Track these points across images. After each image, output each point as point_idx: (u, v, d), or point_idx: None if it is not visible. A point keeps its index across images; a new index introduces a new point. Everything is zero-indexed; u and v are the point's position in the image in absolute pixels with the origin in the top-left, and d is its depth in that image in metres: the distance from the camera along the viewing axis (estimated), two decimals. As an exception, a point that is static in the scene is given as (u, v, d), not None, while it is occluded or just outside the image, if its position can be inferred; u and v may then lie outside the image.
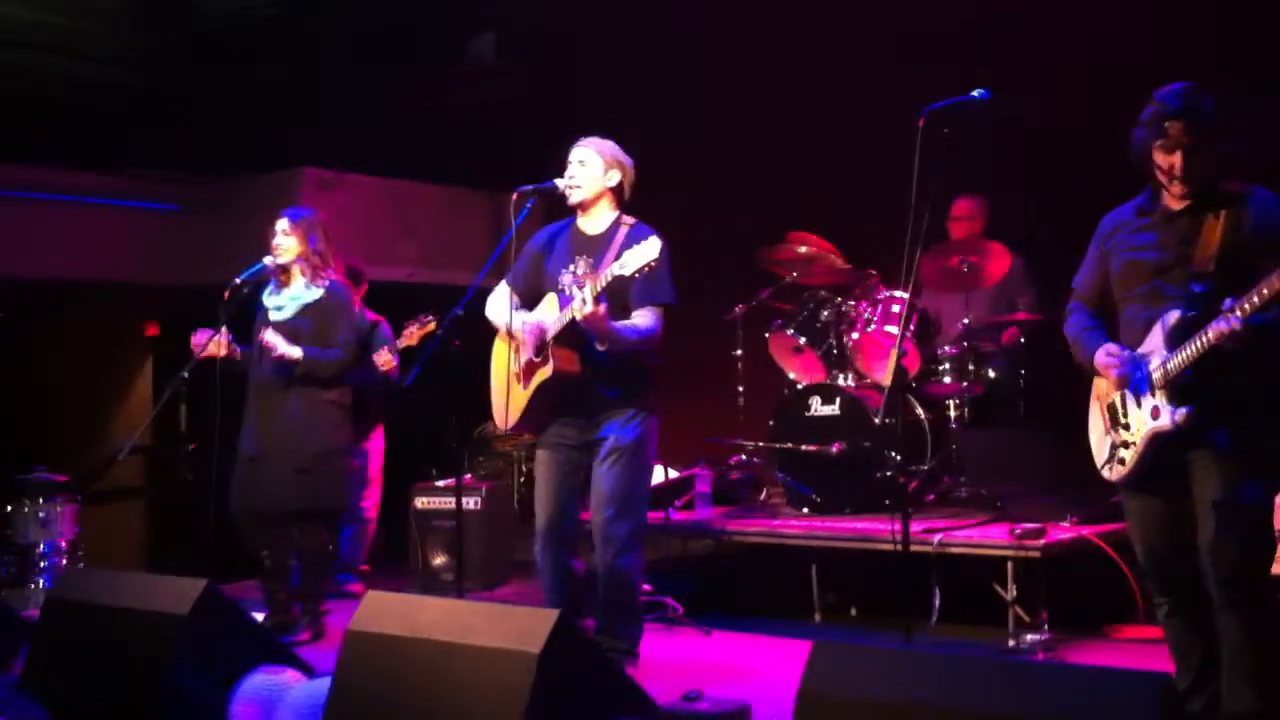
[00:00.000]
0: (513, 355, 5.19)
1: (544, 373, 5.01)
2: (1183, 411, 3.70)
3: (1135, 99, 3.91)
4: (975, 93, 4.43)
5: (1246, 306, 3.54)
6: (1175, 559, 3.85)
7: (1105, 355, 3.90)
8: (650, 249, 4.65)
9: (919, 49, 7.35)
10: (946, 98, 4.46)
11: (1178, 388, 3.71)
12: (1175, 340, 3.71)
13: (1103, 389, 4.00)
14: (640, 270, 4.68)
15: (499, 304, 5.27)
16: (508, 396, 5.18)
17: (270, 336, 5.81)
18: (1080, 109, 6.87)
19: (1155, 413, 3.76)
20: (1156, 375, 3.75)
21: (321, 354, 5.82)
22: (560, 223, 5.31)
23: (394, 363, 6.85)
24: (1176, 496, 3.80)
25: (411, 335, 6.92)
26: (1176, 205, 3.83)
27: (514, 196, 5.07)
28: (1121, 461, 3.88)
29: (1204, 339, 3.62)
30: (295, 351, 5.77)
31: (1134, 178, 3.95)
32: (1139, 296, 3.88)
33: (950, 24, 7.29)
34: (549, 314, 5.07)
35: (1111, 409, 3.94)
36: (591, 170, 5.14)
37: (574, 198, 5.15)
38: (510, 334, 5.18)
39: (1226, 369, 3.63)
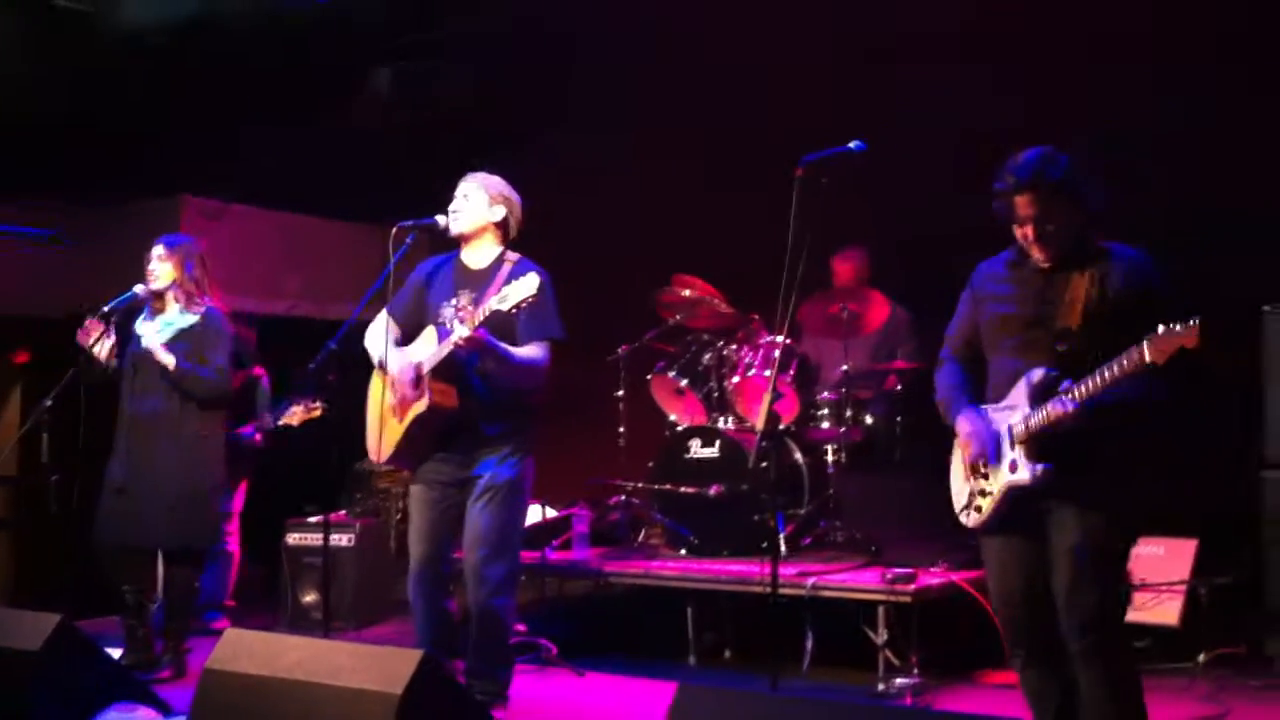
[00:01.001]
0: (388, 388, 5.14)
1: (419, 407, 4.97)
2: (1040, 468, 3.74)
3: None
4: (852, 144, 4.49)
5: (1082, 391, 3.62)
6: (1030, 604, 3.87)
7: (965, 427, 3.92)
8: (529, 285, 4.66)
9: (806, 91, 7.44)
10: (827, 147, 4.52)
11: (1036, 445, 3.76)
12: (1037, 398, 3.75)
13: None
14: (519, 305, 4.68)
15: (378, 334, 5.22)
16: (381, 429, 5.12)
17: (148, 339, 5.70)
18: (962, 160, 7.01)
19: (1014, 467, 3.80)
20: (1018, 430, 3.79)
21: (196, 369, 5.71)
22: (445, 255, 5.29)
23: (259, 439, 6.77)
24: (1032, 541, 3.83)
25: (295, 415, 6.77)
26: (1046, 263, 3.88)
27: (394, 231, 5.04)
28: (978, 509, 3.92)
29: (1044, 416, 3.69)
30: (169, 358, 5.66)
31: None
32: (1007, 349, 3.92)
33: (830, 65, 7.39)
34: (427, 347, 5.03)
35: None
36: (475, 204, 5.14)
37: (454, 228, 5.14)
38: (384, 370, 5.13)
39: (1084, 430, 3.68)
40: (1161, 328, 3.46)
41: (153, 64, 8.18)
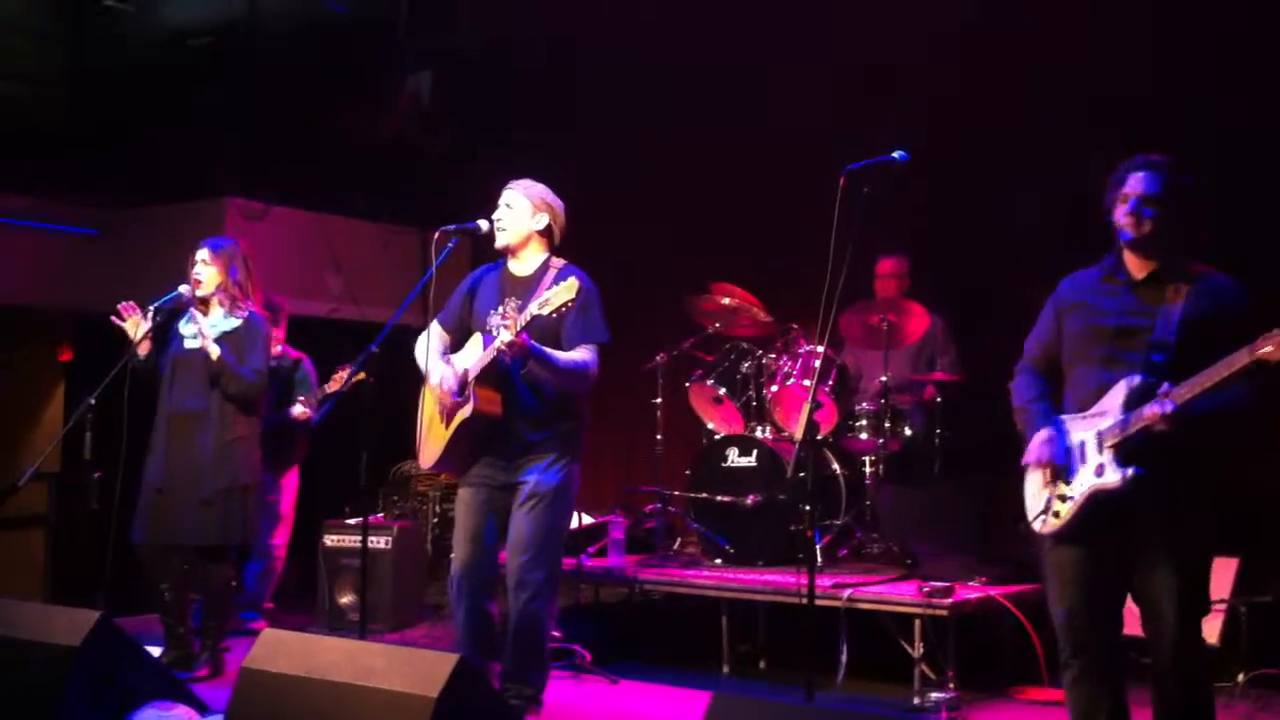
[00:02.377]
0: (434, 397, 5.17)
1: (464, 413, 4.99)
2: (1129, 472, 3.70)
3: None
4: (895, 154, 4.47)
5: (1183, 392, 3.60)
6: (1097, 618, 3.84)
7: (1040, 436, 3.91)
8: (568, 290, 4.68)
9: (852, 104, 7.44)
10: (870, 157, 4.51)
11: (1127, 450, 3.73)
12: (1133, 403, 3.73)
13: None
14: (559, 310, 4.69)
15: (429, 348, 5.26)
16: (426, 434, 5.15)
17: (201, 327, 5.74)
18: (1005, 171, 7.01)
19: (1100, 470, 3.76)
20: (1108, 435, 3.76)
21: (236, 366, 5.75)
22: (492, 265, 5.32)
23: (309, 414, 6.79)
24: (1108, 553, 3.80)
25: (337, 380, 6.77)
26: (1139, 274, 3.88)
27: (436, 235, 5.06)
28: (1056, 515, 3.86)
29: (1139, 419, 3.67)
30: (214, 349, 5.71)
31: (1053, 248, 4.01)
32: (1095, 358, 3.89)
33: (883, 83, 7.40)
34: (474, 354, 5.05)
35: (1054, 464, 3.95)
36: (518, 213, 5.15)
37: (500, 240, 5.17)
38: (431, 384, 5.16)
39: (1178, 437, 3.65)
40: (1276, 330, 3.49)
41: (196, 65, 8.27)
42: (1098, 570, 3.84)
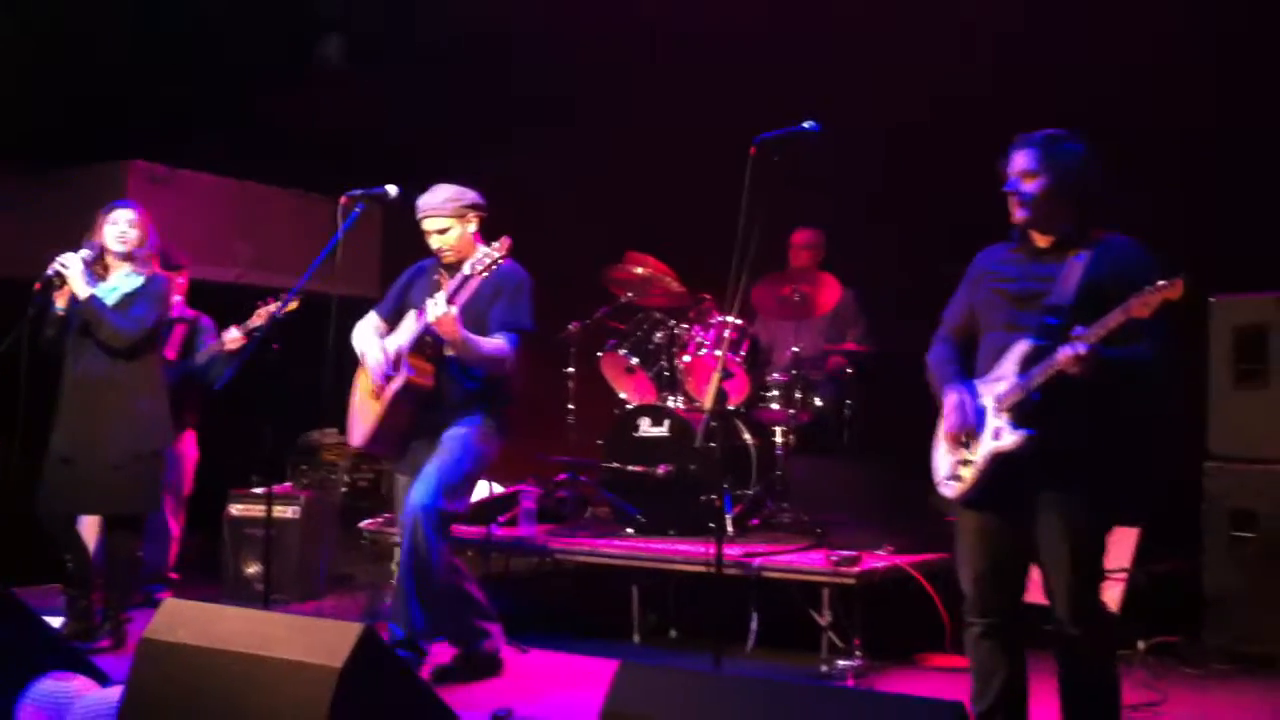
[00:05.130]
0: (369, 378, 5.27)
1: (396, 383, 5.09)
2: (1023, 434, 3.76)
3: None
4: (806, 124, 4.47)
5: (1097, 332, 3.64)
6: (1000, 578, 3.92)
7: (951, 399, 3.96)
8: (497, 247, 4.79)
9: (763, 77, 7.45)
10: (783, 126, 4.51)
11: (1022, 412, 3.79)
12: (1025, 367, 3.79)
13: None
14: (483, 266, 4.77)
15: (365, 333, 5.36)
16: (358, 413, 5.28)
17: (65, 259, 5.62)
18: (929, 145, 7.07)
19: (997, 433, 3.83)
20: (1005, 397, 3.82)
21: (109, 311, 5.62)
22: (430, 259, 5.37)
23: (241, 338, 6.57)
24: (1011, 517, 3.86)
25: (261, 315, 6.46)
26: (1041, 242, 3.93)
27: (343, 201, 5.02)
28: (959, 479, 3.92)
29: (1051, 364, 3.71)
30: (84, 289, 5.59)
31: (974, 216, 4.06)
32: (998, 324, 3.96)
33: (794, 55, 7.41)
34: (406, 332, 5.12)
35: None
36: (455, 233, 5.21)
37: (449, 260, 5.21)
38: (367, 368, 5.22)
39: (1073, 399, 3.72)
40: (1146, 287, 3.55)
41: (102, 26, 8.08)
42: (1002, 533, 3.90)
